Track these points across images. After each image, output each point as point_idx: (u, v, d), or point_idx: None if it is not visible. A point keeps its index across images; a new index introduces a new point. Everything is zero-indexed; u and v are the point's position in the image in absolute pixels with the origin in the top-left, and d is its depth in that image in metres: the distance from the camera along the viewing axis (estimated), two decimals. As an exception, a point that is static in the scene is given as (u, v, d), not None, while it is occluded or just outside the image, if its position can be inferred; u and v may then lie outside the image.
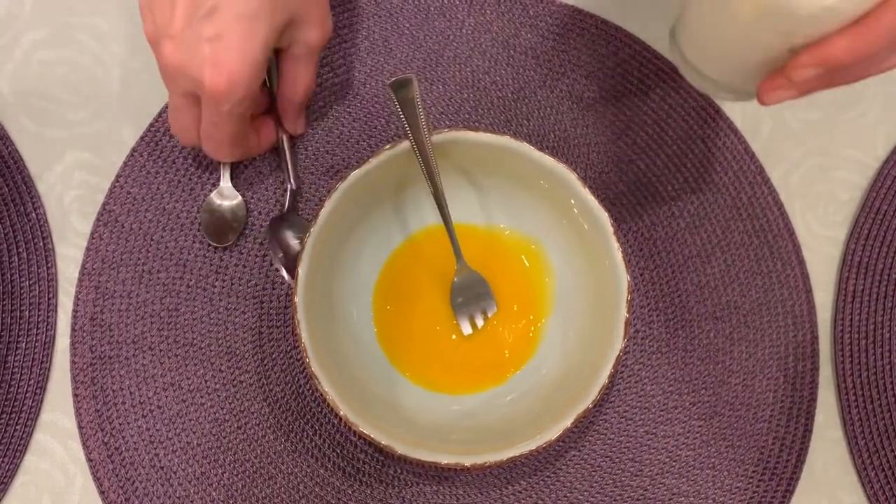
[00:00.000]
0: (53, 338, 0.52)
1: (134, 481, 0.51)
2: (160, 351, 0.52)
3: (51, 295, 0.53)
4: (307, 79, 0.50)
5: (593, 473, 0.52)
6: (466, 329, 0.52)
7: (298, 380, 0.52)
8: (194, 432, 0.51)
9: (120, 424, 0.51)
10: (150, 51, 0.55)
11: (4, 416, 0.51)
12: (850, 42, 0.34)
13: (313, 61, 0.50)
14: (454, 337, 0.52)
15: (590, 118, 0.56)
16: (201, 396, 0.52)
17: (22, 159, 0.54)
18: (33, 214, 0.53)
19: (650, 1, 0.57)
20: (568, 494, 0.52)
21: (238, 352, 0.52)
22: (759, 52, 0.39)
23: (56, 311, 0.53)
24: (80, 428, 0.51)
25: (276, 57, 0.51)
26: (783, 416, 0.53)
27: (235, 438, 0.51)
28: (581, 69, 0.56)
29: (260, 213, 0.54)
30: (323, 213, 0.46)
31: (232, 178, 0.54)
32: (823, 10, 0.35)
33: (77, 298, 0.52)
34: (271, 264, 0.53)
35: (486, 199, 0.52)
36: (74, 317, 0.52)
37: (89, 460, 0.51)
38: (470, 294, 0.52)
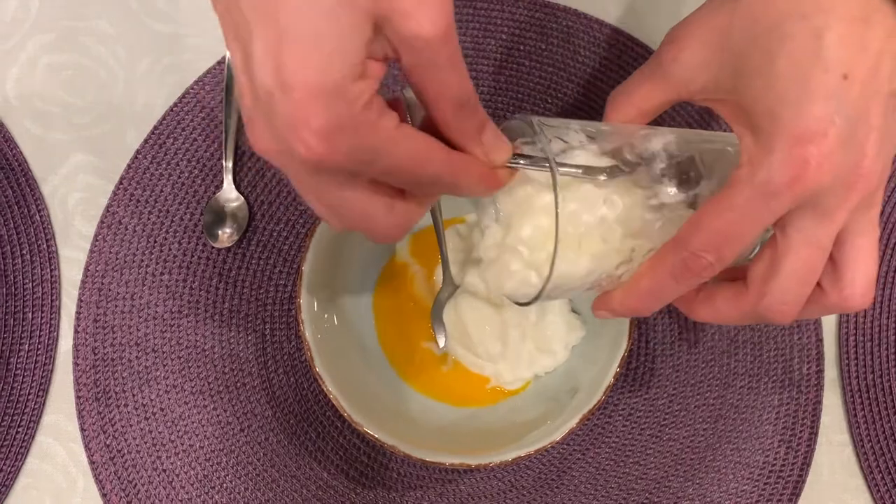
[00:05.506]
0: (56, 340, 0.52)
1: (136, 484, 0.50)
2: (163, 353, 0.52)
3: (54, 297, 0.53)
4: (449, 85, 0.30)
5: (598, 476, 0.52)
6: (442, 344, 0.51)
7: (301, 382, 0.52)
8: (197, 435, 0.51)
9: (122, 427, 0.51)
10: (155, 55, 0.56)
11: (7, 418, 0.51)
12: (622, 296, 0.37)
13: (443, 66, 0.29)
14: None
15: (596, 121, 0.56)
16: (204, 399, 0.52)
17: (26, 162, 0.54)
18: (37, 217, 0.53)
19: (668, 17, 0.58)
20: (573, 497, 0.51)
21: (241, 354, 0.52)
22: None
23: (59, 314, 0.53)
24: (83, 430, 0.51)
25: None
26: (788, 418, 0.52)
27: (238, 441, 0.51)
28: (587, 72, 0.56)
29: (263, 214, 0.54)
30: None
31: (235, 180, 0.54)
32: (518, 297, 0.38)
33: (80, 301, 0.52)
34: (274, 266, 0.53)
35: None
36: (77, 319, 0.52)
37: (91, 463, 0.51)
38: None
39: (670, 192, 0.35)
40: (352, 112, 0.28)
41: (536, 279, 0.36)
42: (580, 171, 0.34)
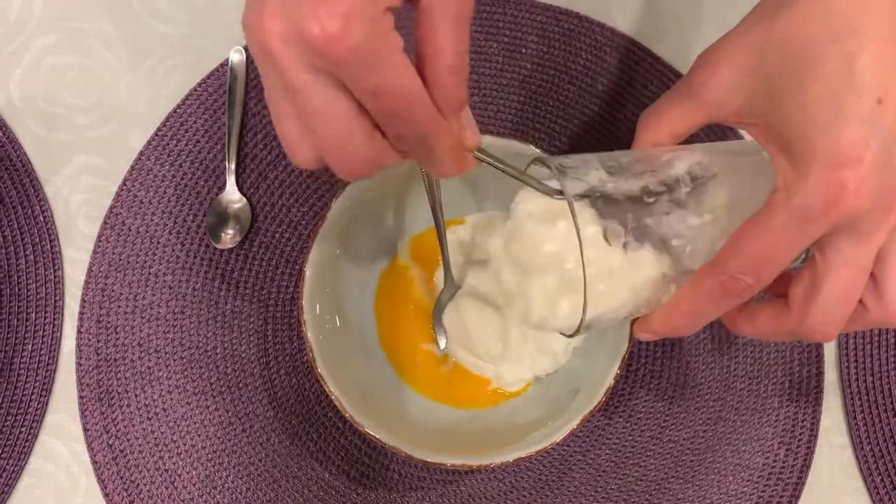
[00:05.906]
0: (59, 340, 0.52)
1: (138, 484, 0.51)
2: (166, 353, 0.52)
3: (57, 297, 0.53)
4: (451, 44, 0.31)
5: (598, 477, 0.52)
6: (443, 346, 0.51)
7: (303, 383, 0.52)
8: (199, 435, 0.51)
9: (125, 427, 0.51)
10: (158, 56, 0.57)
11: (10, 417, 0.51)
12: (663, 318, 0.38)
13: (453, 18, 0.31)
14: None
15: (597, 124, 0.56)
16: (206, 399, 0.52)
17: (30, 163, 0.54)
18: (41, 217, 0.54)
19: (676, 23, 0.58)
20: (573, 499, 0.52)
21: (243, 355, 0.52)
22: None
23: (62, 314, 0.53)
24: (85, 430, 0.51)
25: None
26: (788, 420, 0.52)
27: (240, 441, 0.51)
28: (588, 75, 0.56)
29: (265, 216, 0.54)
30: (330, 214, 0.46)
31: (237, 182, 0.54)
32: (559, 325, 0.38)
33: (83, 301, 0.52)
34: (276, 269, 0.53)
35: (488, 201, 0.53)
36: (80, 319, 0.52)
37: (94, 462, 0.51)
38: None
39: (697, 213, 0.36)
40: (375, 8, 0.28)
41: (568, 309, 0.36)
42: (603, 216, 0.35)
